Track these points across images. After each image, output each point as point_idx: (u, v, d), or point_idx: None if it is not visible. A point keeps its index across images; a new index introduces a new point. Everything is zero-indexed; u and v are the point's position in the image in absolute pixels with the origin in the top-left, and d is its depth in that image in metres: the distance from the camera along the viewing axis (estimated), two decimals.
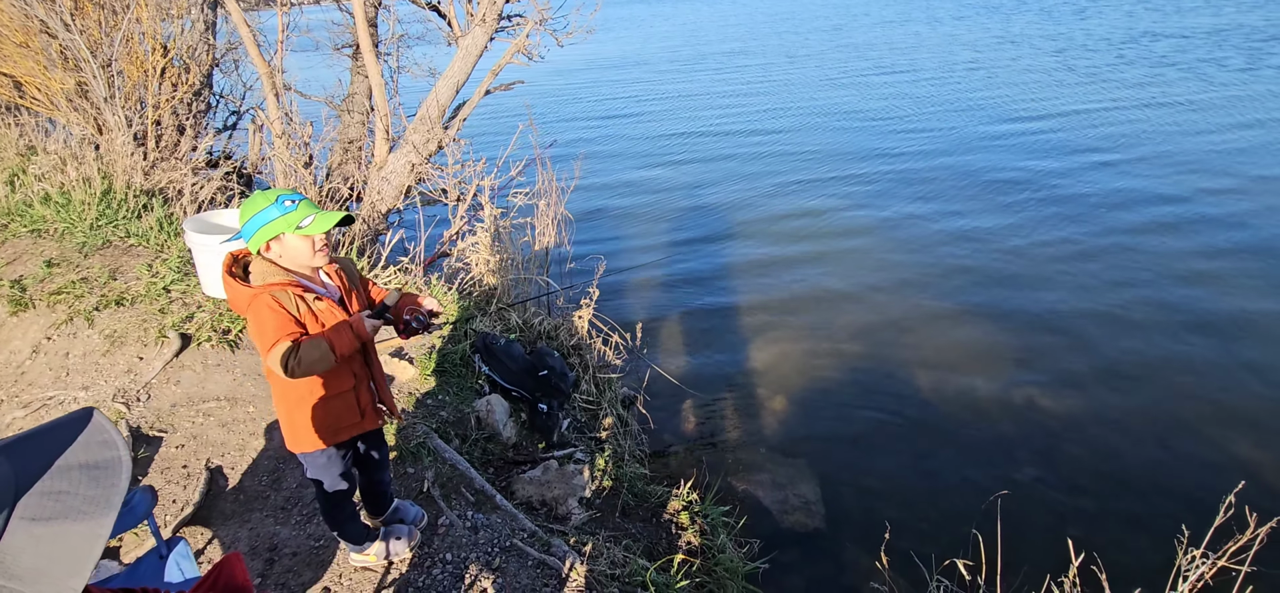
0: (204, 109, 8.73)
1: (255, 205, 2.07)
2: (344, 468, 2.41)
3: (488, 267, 5.50)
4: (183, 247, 4.88)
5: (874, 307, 6.17)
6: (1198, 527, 2.25)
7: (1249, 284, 6.07)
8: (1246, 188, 8.17)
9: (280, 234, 2.07)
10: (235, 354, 3.91)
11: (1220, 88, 12.99)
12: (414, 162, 6.47)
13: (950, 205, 8.33)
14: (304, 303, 2.10)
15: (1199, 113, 11.52)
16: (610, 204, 9.32)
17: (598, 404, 4.41)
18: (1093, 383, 4.91)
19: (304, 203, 2.09)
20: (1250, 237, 6.96)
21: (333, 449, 2.33)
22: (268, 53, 7.23)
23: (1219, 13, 21.97)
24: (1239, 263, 6.44)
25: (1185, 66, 15.21)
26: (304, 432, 2.25)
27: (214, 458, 3.21)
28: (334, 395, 2.24)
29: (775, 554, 3.45)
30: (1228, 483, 3.87)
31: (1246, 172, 8.70)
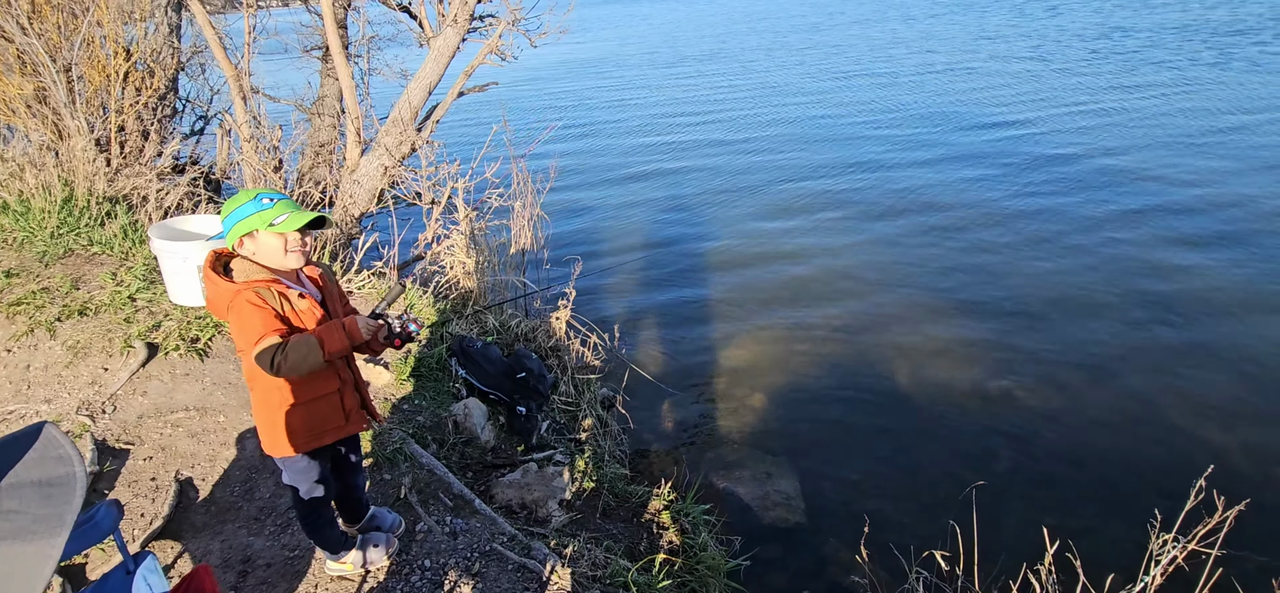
0: (169, 114, 8.53)
1: (235, 202, 2.07)
2: (322, 473, 2.36)
3: (463, 269, 5.44)
4: (149, 254, 4.76)
5: (850, 302, 6.23)
6: (1169, 512, 2.30)
7: (1216, 274, 6.23)
8: (1212, 179, 8.40)
9: (254, 231, 2.05)
10: (204, 363, 3.83)
11: (1191, 82, 13.34)
12: (387, 165, 6.39)
13: (923, 201, 8.45)
14: (287, 301, 2.07)
15: (1169, 107, 11.82)
16: (587, 205, 9.29)
17: (577, 405, 4.39)
18: (1065, 374, 5.00)
19: (283, 202, 2.07)
20: (1217, 226, 7.16)
21: (313, 455, 2.28)
22: (234, 56, 7.09)
23: (1186, 9, 22.57)
24: (1206, 254, 6.61)
25: (1156, 62, 15.61)
26: (285, 435, 2.20)
27: (183, 469, 3.13)
28: (319, 398, 2.20)
29: (757, 551, 3.46)
30: (1196, 469, 3.96)
31: (1213, 164, 8.95)
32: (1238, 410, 4.48)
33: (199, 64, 9.12)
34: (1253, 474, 3.88)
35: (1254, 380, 4.76)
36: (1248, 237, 6.86)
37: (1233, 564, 2.03)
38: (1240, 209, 7.53)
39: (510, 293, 5.25)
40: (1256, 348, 5.12)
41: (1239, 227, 7.12)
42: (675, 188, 9.69)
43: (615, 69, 21.30)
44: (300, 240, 2.10)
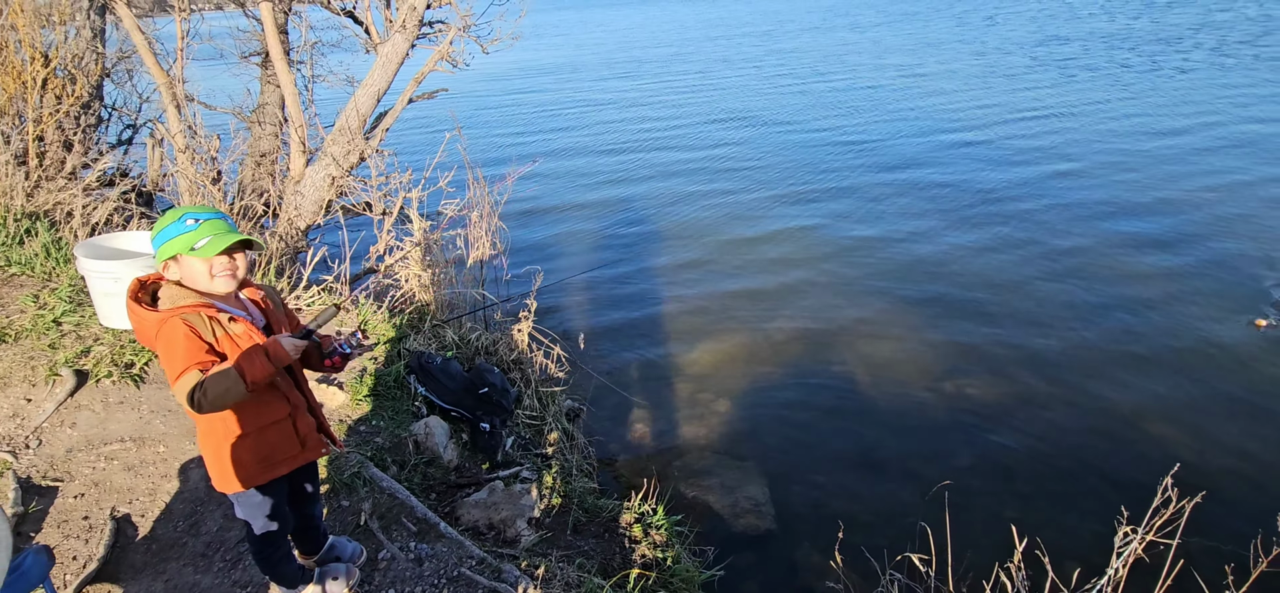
0: (94, 123, 8.03)
1: (163, 222, 1.93)
2: (278, 506, 2.21)
3: (419, 282, 5.27)
4: (75, 274, 4.45)
5: (809, 307, 6.30)
6: (1120, 503, 2.37)
7: (1161, 272, 6.56)
8: (1157, 182, 8.85)
9: (178, 254, 1.91)
10: (140, 390, 3.58)
11: (1127, 87, 14.06)
12: (334, 174, 6.15)
13: (876, 206, 8.65)
14: (219, 326, 1.92)
15: (1112, 111, 12.44)
16: (546, 214, 9.18)
17: (542, 419, 4.29)
18: (1017, 371, 5.17)
19: (209, 222, 1.92)
20: (1163, 227, 7.54)
21: (269, 486, 2.14)
22: (166, 61, 6.72)
23: (1113, 20, 23.85)
24: (1153, 254, 6.96)
25: (1094, 68, 16.42)
26: (236, 469, 2.05)
27: (120, 506, 2.91)
28: (268, 426, 2.06)
29: (730, 560, 3.44)
30: (1147, 461, 4.16)
31: (1158, 165, 9.44)
32: (1184, 403, 4.71)
33: (125, 70, 8.61)
34: (1205, 466, 4.07)
35: (1197, 373, 5.01)
36: (1192, 236, 7.25)
37: (1192, 554, 2.11)
38: (1185, 211, 7.96)
39: (469, 306, 5.11)
40: (1198, 344, 5.40)
41: (1183, 226, 7.52)
42: (634, 196, 9.67)
43: (571, 76, 21.20)
44: (229, 263, 1.95)
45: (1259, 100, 12.50)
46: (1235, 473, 4.01)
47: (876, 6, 34.59)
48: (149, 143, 7.96)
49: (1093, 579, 2.17)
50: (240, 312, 2.02)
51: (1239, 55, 16.63)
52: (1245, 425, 4.42)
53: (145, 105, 8.64)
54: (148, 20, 7.52)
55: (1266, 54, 16.51)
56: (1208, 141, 10.35)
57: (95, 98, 8.04)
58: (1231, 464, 4.10)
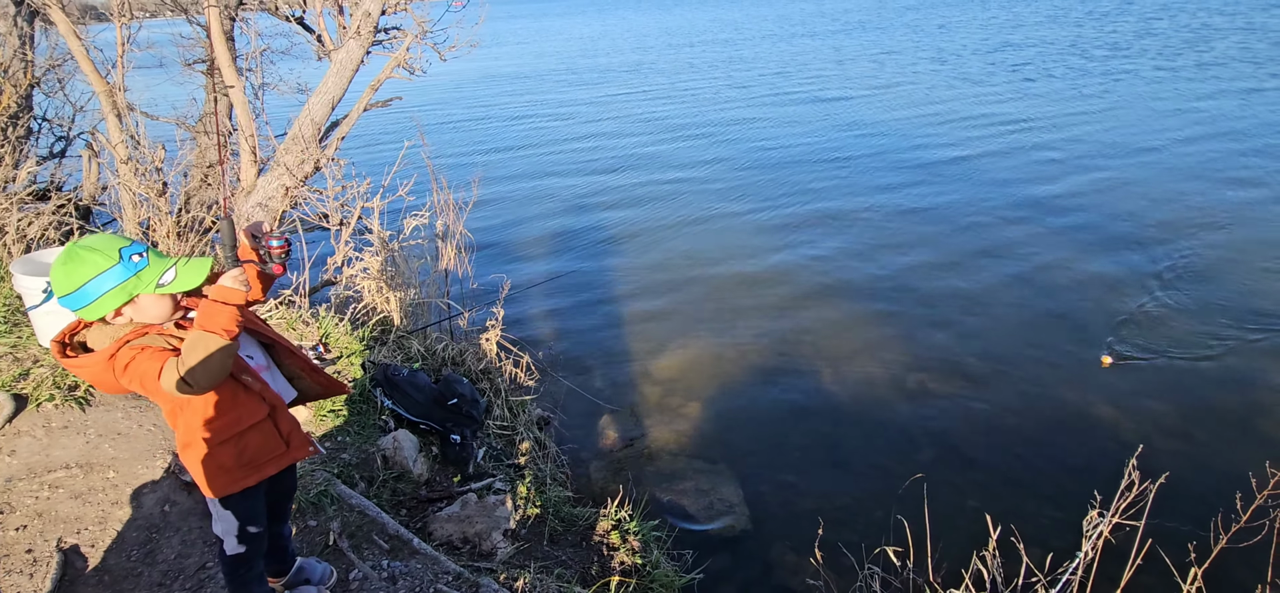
0: (24, 135, 7.62)
1: (88, 267, 1.71)
2: (259, 524, 2.11)
3: (381, 294, 5.14)
4: (10, 293, 4.19)
5: (774, 309, 6.38)
6: (1080, 490, 2.46)
7: (1113, 271, 6.85)
8: (1111, 184, 9.25)
9: (135, 297, 1.77)
10: (86, 413, 3.39)
11: (1078, 92, 14.68)
12: (288, 185, 5.96)
13: (837, 210, 8.82)
14: (172, 338, 1.82)
15: (1065, 112, 12.95)
16: (511, 222, 9.07)
17: (513, 429, 4.23)
18: (973, 366, 5.32)
19: (151, 253, 1.79)
20: (1114, 225, 7.88)
21: (250, 494, 2.04)
22: (106, 70, 6.41)
23: (1062, 27, 24.93)
24: (1103, 254, 7.26)
25: (1046, 71, 17.11)
26: (221, 473, 1.96)
27: (67, 536, 2.74)
28: (248, 428, 1.97)
29: (708, 563, 3.44)
30: (1102, 448, 4.33)
31: (1106, 165, 9.87)
32: (1134, 392, 4.92)
33: (57, 79, 8.19)
34: (1158, 451, 4.25)
35: (1160, 357, 5.25)
36: (1143, 234, 7.58)
37: (1159, 535, 2.20)
38: (1138, 209, 8.33)
39: (435, 316, 5.00)
40: (1161, 326, 5.66)
41: (1133, 224, 7.88)
42: (599, 203, 9.64)
43: (533, 83, 21.05)
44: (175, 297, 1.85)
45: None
46: (1189, 457, 4.21)
47: (831, 15, 35.39)
48: (84, 154, 7.58)
49: (1064, 563, 2.24)
50: (188, 320, 1.92)
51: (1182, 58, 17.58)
52: (1195, 414, 4.65)
53: (79, 115, 8.23)
54: (83, 28, 7.16)
55: (1208, 57, 17.48)
56: (1159, 142, 10.90)
57: (24, 108, 7.61)
58: (1182, 448, 4.30)
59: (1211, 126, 11.47)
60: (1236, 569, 2.77)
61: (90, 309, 1.74)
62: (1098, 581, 2.33)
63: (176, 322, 1.88)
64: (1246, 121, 11.63)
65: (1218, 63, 16.73)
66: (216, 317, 1.74)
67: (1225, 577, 2.70)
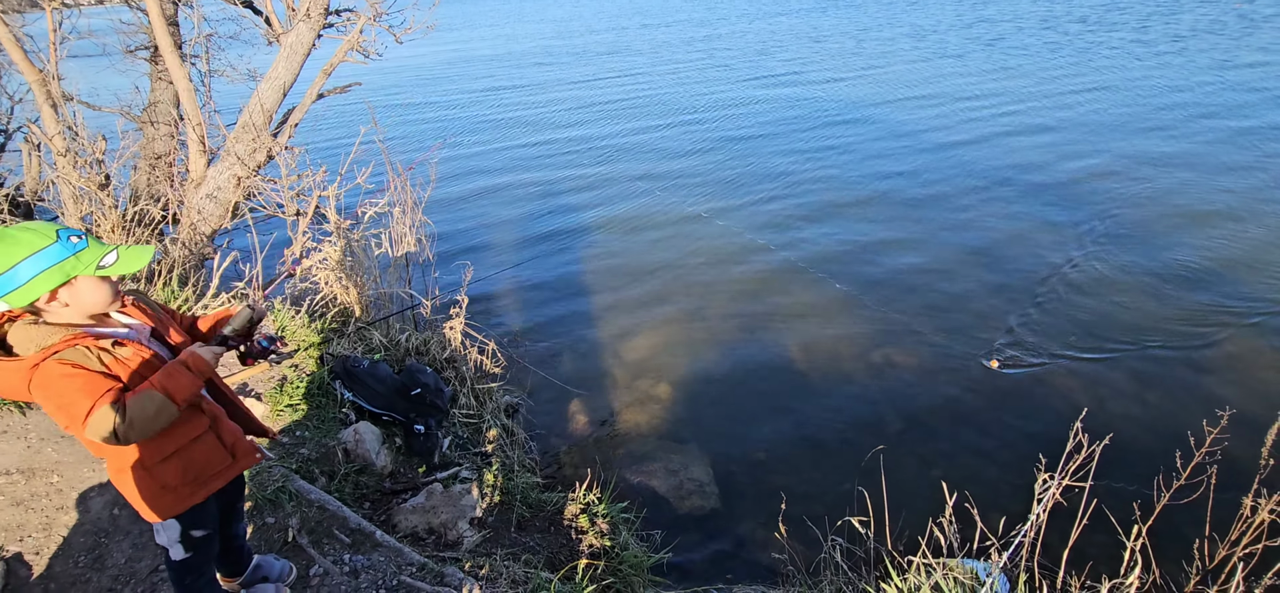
0: None
1: (22, 247, 1.58)
2: (208, 529, 2.04)
3: (340, 284, 5.02)
4: None
5: (739, 288, 6.41)
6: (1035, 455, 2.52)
7: (1072, 238, 7.02)
8: (1080, 150, 9.46)
9: (72, 279, 1.65)
10: (26, 417, 3.25)
11: (1053, 68, 14.92)
12: (240, 175, 5.77)
13: (803, 193, 8.88)
14: (105, 353, 1.68)
15: (1038, 88, 13.17)
16: (472, 207, 8.93)
17: (479, 417, 4.18)
18: (935, 337, 5.43)
19: (90, 237, 1.69)
20: (1070, 196, 8.07)
21: (198, 510, 1.95)
22: (38, 59, 6.11)
23: (1036, 3, 25.31)
24: (1076, 217, 7.43)
25: (1022, 47, 17.36)
26: (166, 495, 1.86)
27: (9, 544, 2.63)
28: (190, 443, 1.88)
29: (677, 542, 3.46)
30: (1053, 411, 4.46)
31: (1076, 139, 10.08)
32: (1088, 360, 5.07)
33: None
34: (1106, 413, 4.39)
35: (1102, 332, 5.40)
36: (1101, 203, 7.79)
37: (1107, 495, 2.26)
38: (1101, 176, 8.54)
39: (396, 305, 4.91)
40: (1100, 294, 5.82)
41: (1094, 195, 8.08)
42: (563, 186, 9.55)
43: (493, 66, 20.68)
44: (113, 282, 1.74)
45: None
46: (1134, 420, 4.35)
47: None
48: (24, 148, 7.24)
49: (1017, 526, 2.30)
50: (120, 331, 1.78)
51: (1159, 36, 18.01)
52: (1139, 378, 4.81)
53: (17, 107, 7.85)
54: (16, 16, 6.80)
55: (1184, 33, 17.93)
56: (1130, 114, 11.17)
57: None
58: (1130, 410, 4.45)
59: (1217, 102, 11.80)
60: (1182, 526, 2.88)
61: (21, 293, 1.59)
62: (1049, 541, 2.40)
63: (115, 339, 1.76)
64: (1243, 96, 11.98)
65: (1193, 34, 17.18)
66: (181, 383, 1.72)
67: (1171, 533, 2.81)
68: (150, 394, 1.66)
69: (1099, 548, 2.49)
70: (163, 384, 1.69)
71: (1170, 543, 2.37)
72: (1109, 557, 2.41)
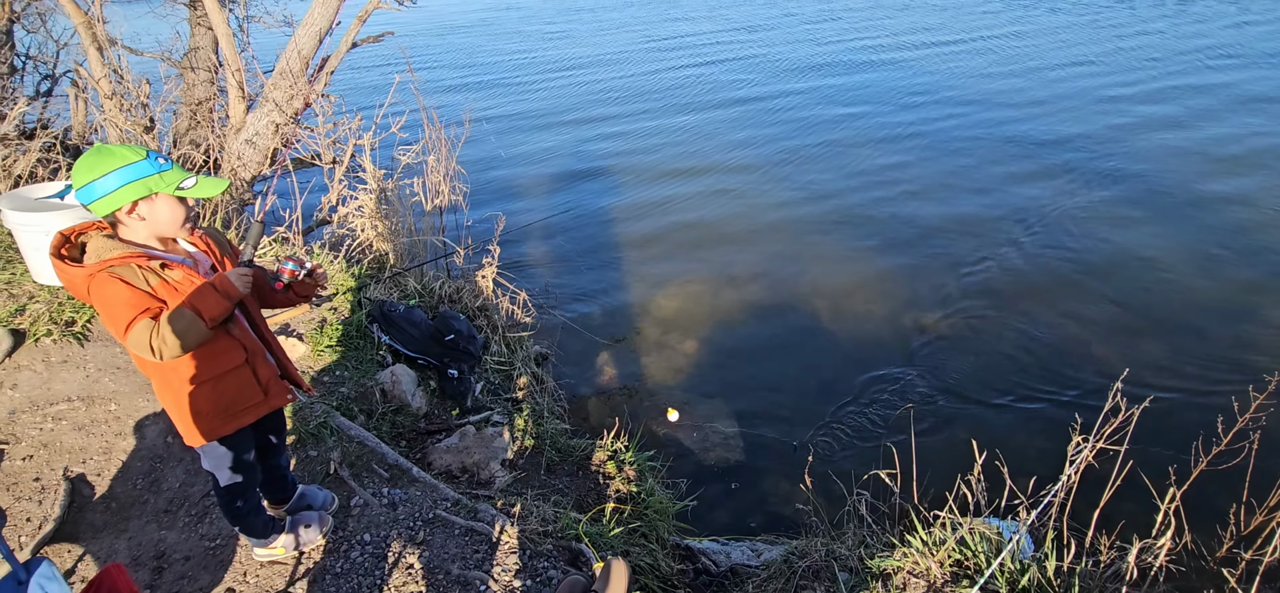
0: (7, 72, 7.45)
1: (116, 158, 1.71)
2: (247, 456, 2.14)
3: (376, 232, 5.11)
4: (0, 230, 4.16)
5: (769, 248, 6.37)
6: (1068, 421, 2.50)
7: (1094, 198, 6.81)
8: (1096, 114, 9.13)
9: (153, 194, 1.75)
10: (85, 348, 3.41)
11: (1068, 27, 14.33)
12: (278, 121, 5.85)
13: (836, 150, 8.71)
14: (153, 274, 1.78)
15: (1054, 49, 12.69)
16: (505, 156, 8.95)
17: (510, 364, 4.27)
18: (966, 301, 5.35)
19: (175, 163, 1.81)
20: (1090, 157, 7.80)
21: (232, 438, 2.06)
22: (84, 2, 6.21)
23: None
24: (1099, 187, 7.21)
25: (1017, 6, 16.64)
26: (199, 421, 1.97)
27: (73, 466, 2.79)
28: (225, 373, 1.96)
29: (702, 491, 3.52)
30: (1088, 379, 4.39)
31: (1086, 101, 9.71)
32: (1125, 322, 4.96)
33: (37, 14, 7.96)
34: (1144, 381, 4.30)
35: (1135, 293, 5.27)
36: (1126, 166, 7.53)
37: (1141, 459, 2.24)
38: (1115, 140, 8.24)
39: (430, 253, 4.99)
40: (1136, 263, 5.66)
41: (1110, 154, 7.80)
42: (595, 138, 9.50)
43: (528, 15, 20.46)
44: (187, 208, 1.85)
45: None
46: (1177, 388, 4.27)
47: None
48: (71, 92, 7.42)
49: (1047, 487, 2.30)
50: (177, 257, 1.88)
51: None
52: (1180, 347, 4.69)
53: (62, 52, 8.02)
54: None
55: None
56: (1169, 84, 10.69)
57: (5, 45, 7.41)
58: (1171, 382, 4.36)
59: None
60: (1215, 495, 2.84)
61: (105, 201, 1.72)
62: (1079, 506, 2.39)
63: (164, 261, 1.86)
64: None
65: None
66: (209, 302, 1.79)
67: (1203, 502, 2.77)
68: (180, 311, 1.76)
69: (1129, 515, 2.48)
70: (191, 302, 1.78)
71: (1204, 512, 2.35)
72: (1139, 524, 2.39)
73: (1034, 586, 2.08)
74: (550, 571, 2.59)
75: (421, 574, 2.49)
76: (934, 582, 2.23)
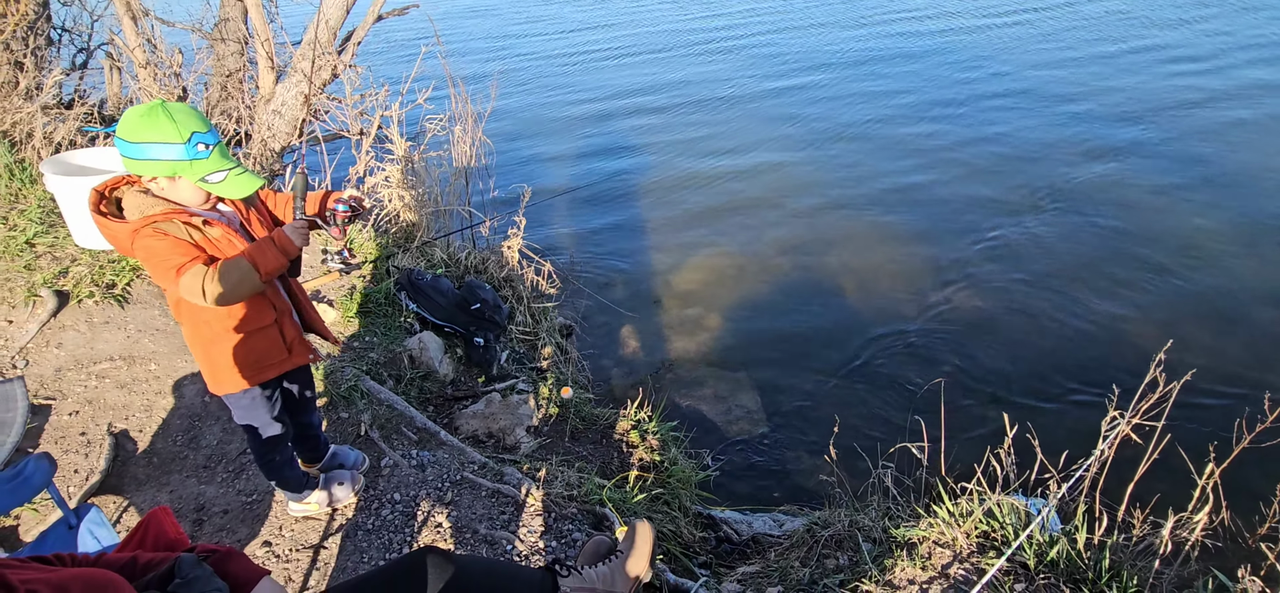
0: (45, 44, 7.60)
1: (157, 130, 1.72)
2: (274, 410, 2.21)
3: (402, 202, 5.16)
4: (43, 194, 4.28)
5: (795, 221, 6.30)
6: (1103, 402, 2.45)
7: (1129, 175, 6.62)
8: (1126, 86, 8.85)
9: (176, 177, 1.79)
10: (125, 309, 3.51)
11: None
12: (306, 92, 5.90)
13: (863, 124, 8.56)
14: (195, 230, 1.84)
15: (1088, 20, 12.29)
16: (533, 129, 8.94)
17: (535, 334, 4.30)
18: (997, 278, 5.26)
19: (218, 148, 1.80)
20: (1126, 131, 7.57)
21: (258, 390, 2.12)
22: None
23: None
24: (1118, 160, 7.01)
25: None
26: (225, 371, 2.03)
27: (116, 422, 2.89)
28: (254, 331, 2.03)
29: (724, 462, 3.54)
30: (1122, 360, 4.30)
31: (1123, 71, 9.41)
32: (1161, 303, 4.84)
33: None
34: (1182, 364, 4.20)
35: (1176, 270, 5.13)
36: (1158, 142, 7.30)
37: (1180, 434, 2.20)
38: (1133, 112, 7.98)
39: (456, 223, 5.03)
40: (1176, 239, 5.51)
41: (1140, 128, 7.56)
42: (621, 111, 9.45)
43: None
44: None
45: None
46: (1219, 369, 4.16)
47: None
48: (106, 64, 7.56)
49: (1079, 460, 2.26)
50: (217, 216, 1.93)
51: None
52: (1221, 326, 4.57)
53: (97, 24, 8.17)
54: None
55: None
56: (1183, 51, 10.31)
57: (42, 16, 7.56)
58: (1212, 364, 4.25)
59: None
60: (1255, 477, 2.78)
61: (135, 165, 1.77)
62: (1110, 484, 2.36)
63: (205, 218, 1.90)
64: None
65: None
66: (267, 256, 1.83)
67: (1243, 483, 2.72)
68: (238, 262, 1.80)
69: (1163, 493, 2.44)
70: (251, 255, 1.82)
71: (1243, 493, 2.29)
72: (1174, 503, 2.34)
73: (1063, 558, 2.06)
74: (575, 533, 2.63)
75: (450, 532, 2.54)
76: (960, 552, 2.22)
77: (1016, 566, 2.11)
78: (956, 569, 2.15)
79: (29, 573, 1.15)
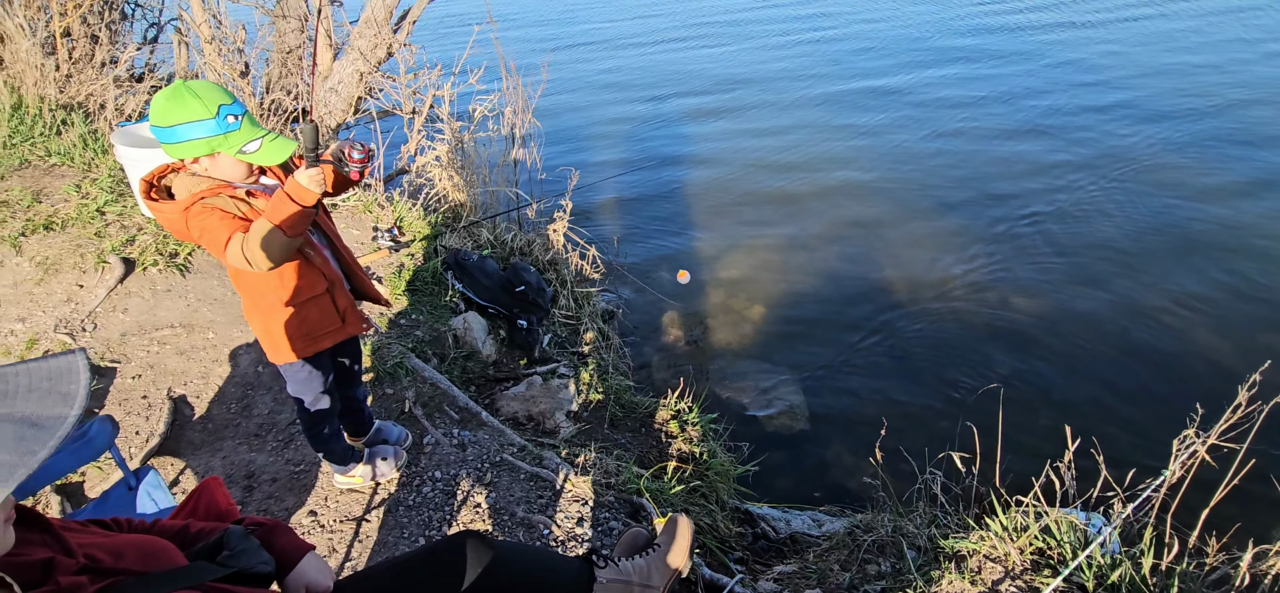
0: (119, 18, 7.91)
1: (185, 111, 1.74)
2: (325, 383, 2.26)
3: (452, 182, 5.21)
4: (113, 165, 4.46)
5: (843, 213, 6.14)
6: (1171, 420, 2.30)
7: (1205, 171, 6.23)
8: (1186, 74, 8.32)
9: (215, 153, 1.81)
10: (186, 279, 3.63)
11: None
12: (362, 70, 6.01)
13: (919, 113, 8.27)
14: (242, 204, 1.88)
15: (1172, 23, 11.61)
16: (583, 112, 8.93)
17: (577, 319, 4.30)
18: (1060, 279, 5.02)
19: (247, 119, 1.81)
20: (1207, 130, 7.12)
21: (312, 361, 2.17)
22: None
23: None
24: (1195, 153, 6.60)
25: None
26: (281, 341, 2.10)
27: (175, 387, 3.00)
28: (308, 301, 2.08)
29: (764, 457, 3.47)
30: (1192, 371, 4.06)
31: (1180, 62, 8.85)
32: (1232, 307, 4.55)
33: None
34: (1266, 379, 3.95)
35: (1247, 275, 4.82)
36: (1214, 131, 6.84)
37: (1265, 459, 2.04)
38: (1202, 99, 7.49)
39: (503, 205, 5.06)
40: (1253, 244, 5.17)
41: (1208, 116, 7.10)
42: (670, 96, 9.35)
43: None
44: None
45: None
46: None
47: None
48: (175, 39, 7.84)
49: (1146, 480, 2.13)
50: (262, 187, 1.97)
51: None
52: None
53: (167, 1, 8.48)
54: None
55: None
56: None
57: None
58: None
59: None
60: None
61: (174, 149, 1.79)
62: (1180, 509, 2.21)
63: (249, 189, 1.93)
64: None
65: None
66: (283, 211, 1.80)
67: None
68: (261, 222, 1.81)
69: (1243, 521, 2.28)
70: (267, 213, 1.82)
71: None
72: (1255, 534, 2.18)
73: (1125, 582, 1.94)
74: (611, 522, 2.62)
75: (488, 513, 2.56)
76: (1012, 569, 2.12)
77: (1074, 587, 2.00)
78: (1008, 587, 2.06)
79: (87, 537, 1.18)
